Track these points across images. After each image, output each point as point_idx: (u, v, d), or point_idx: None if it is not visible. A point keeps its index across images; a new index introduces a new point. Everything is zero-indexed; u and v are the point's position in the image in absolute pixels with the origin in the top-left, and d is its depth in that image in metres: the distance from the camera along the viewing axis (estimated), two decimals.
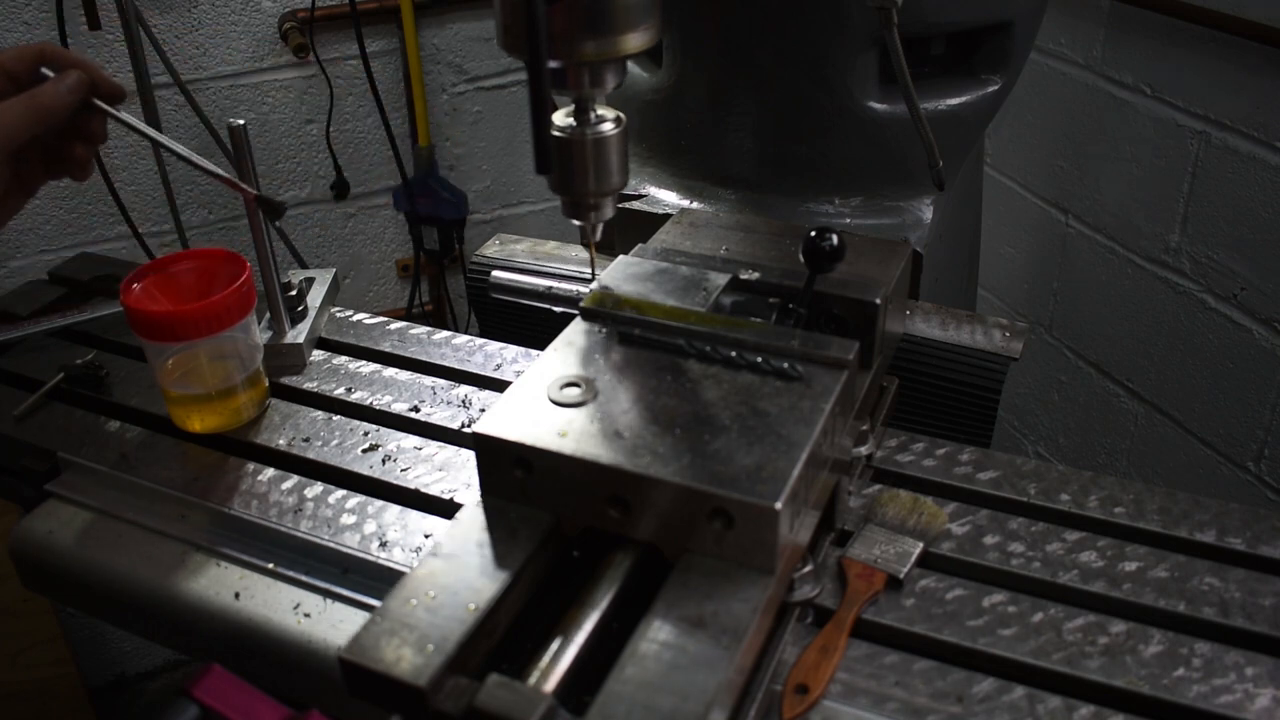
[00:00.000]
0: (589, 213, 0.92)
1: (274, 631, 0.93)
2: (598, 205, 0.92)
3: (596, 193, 0.91)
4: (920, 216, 1.36)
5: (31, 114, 0.88)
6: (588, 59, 0.82)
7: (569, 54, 0.81)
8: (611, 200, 0.93)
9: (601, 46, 0.81)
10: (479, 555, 0.77)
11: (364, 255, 2.61)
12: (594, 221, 0.94)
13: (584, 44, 0.81)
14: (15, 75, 0.90)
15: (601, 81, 0.86)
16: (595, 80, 0.85)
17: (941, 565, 0.92)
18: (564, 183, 0.91)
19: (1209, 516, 0.95)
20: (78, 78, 0.92)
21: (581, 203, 0.92)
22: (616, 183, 0.91)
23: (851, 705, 0.80)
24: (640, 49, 0.83)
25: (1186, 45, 1.87)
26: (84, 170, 0.99)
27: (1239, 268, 1.88)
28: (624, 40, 0.81)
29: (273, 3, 2.27)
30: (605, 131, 0.88)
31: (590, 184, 0.90)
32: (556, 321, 1.00)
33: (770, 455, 0.76)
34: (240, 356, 1.11)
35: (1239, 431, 1.96)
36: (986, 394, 1.15)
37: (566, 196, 0.92)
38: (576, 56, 0.82)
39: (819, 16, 1.22)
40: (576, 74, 0.85)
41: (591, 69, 0.84)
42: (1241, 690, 0.79)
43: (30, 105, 0.89)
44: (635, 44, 0.82)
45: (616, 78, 0.86)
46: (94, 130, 0.96)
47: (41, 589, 1.09)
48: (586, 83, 0.85)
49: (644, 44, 0.83)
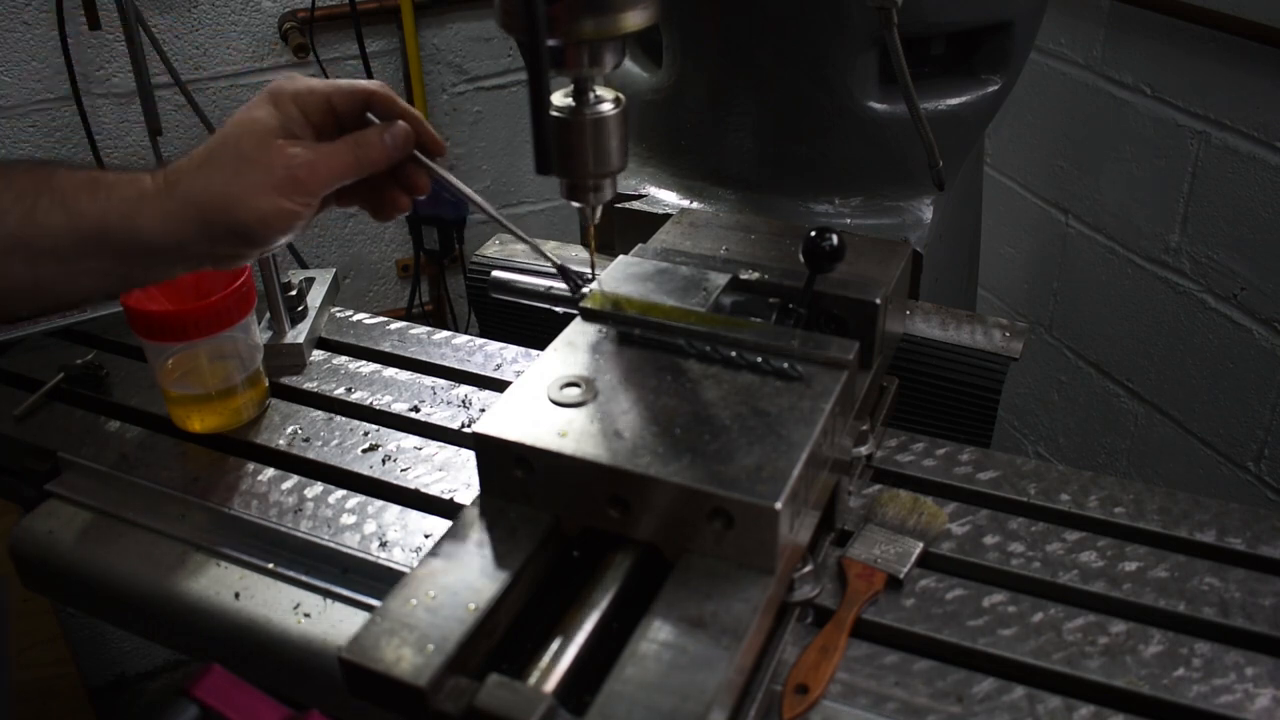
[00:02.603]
0: (588, 194, 0.90)
1: (274, 631, 0.93)
2: (597, 187, 0.90)
3: (596, 174, 0.88)
4: (920, 216, 1.36)
5: (354, 164, 0.86)
6: (586, 37, 0.80)
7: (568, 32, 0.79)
8: (611, 182, 0.91)
9: (600, 25, 0.79)
10: (479, 555, 0.77)
11: (364, 255, 2.61)
12: (593, 204, 0.91)
13: (583, 22, 0.79)
14: (341, 114, 0.87)
15: (600, 61, 0.83)
16: (594, 59, 0.83)
17: (941, 565, 0.92)
18: (563, 164, 0.88)
19: (1209, 516, 0.95)
20: (405, 134, 0.88)
21: (581, 184, 0.90)
22: (616, 164, 0.89)
23: (851, 705, 0.80)
24: (639, 27, 0.81)
25: (1186, 45, 1.87)
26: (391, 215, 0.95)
27: (1239, 268, 1.88)
28: (623, 18, 0.79)
29: (273, 3, 2.27)
30: (604, 112, 0.86)
31: (589, 165, 0.87)
32: (556, 321, 1.00)
33: (770, 455, 0.76)
34: (240, 356, 1.11)
35: (1239, 431, 1.96)
36: (986, 394, 1.15)
37: (565, 178, 0.90)
38: (575, 35, 0.80)
39: (819, 16, 1.22)
40: (575, 53, 0.83)
41: (590, 48, 0.82)
42: (1241, 690, 0.79)
43: (355, 155, 0.86)
44: (634, 22, 0.80)
45: (615, 57, 0.84)
46: (415, 182, 0.93)
47: (41, 589, 1.09)
48: (585, 62, 0.83)
49: (643, 22, 0.80)
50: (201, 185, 0.82)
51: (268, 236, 0.84)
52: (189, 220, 0.81)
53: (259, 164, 0.82)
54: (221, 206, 0.81)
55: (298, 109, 0.85)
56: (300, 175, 0.83)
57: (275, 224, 0.83)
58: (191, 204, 0.81)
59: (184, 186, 0.81)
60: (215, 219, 0.81)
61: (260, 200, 0.81)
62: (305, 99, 0.86)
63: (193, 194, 0.81)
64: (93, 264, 0.81)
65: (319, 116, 0.87)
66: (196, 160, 0.83)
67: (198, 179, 0.82)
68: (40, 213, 0.79)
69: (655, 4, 0.82)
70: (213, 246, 0.83)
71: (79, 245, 0.80)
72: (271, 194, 0.82)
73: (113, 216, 0.80)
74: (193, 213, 0.81)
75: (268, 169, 0.82)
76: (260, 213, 0.82)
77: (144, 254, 0.82)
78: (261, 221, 0.82)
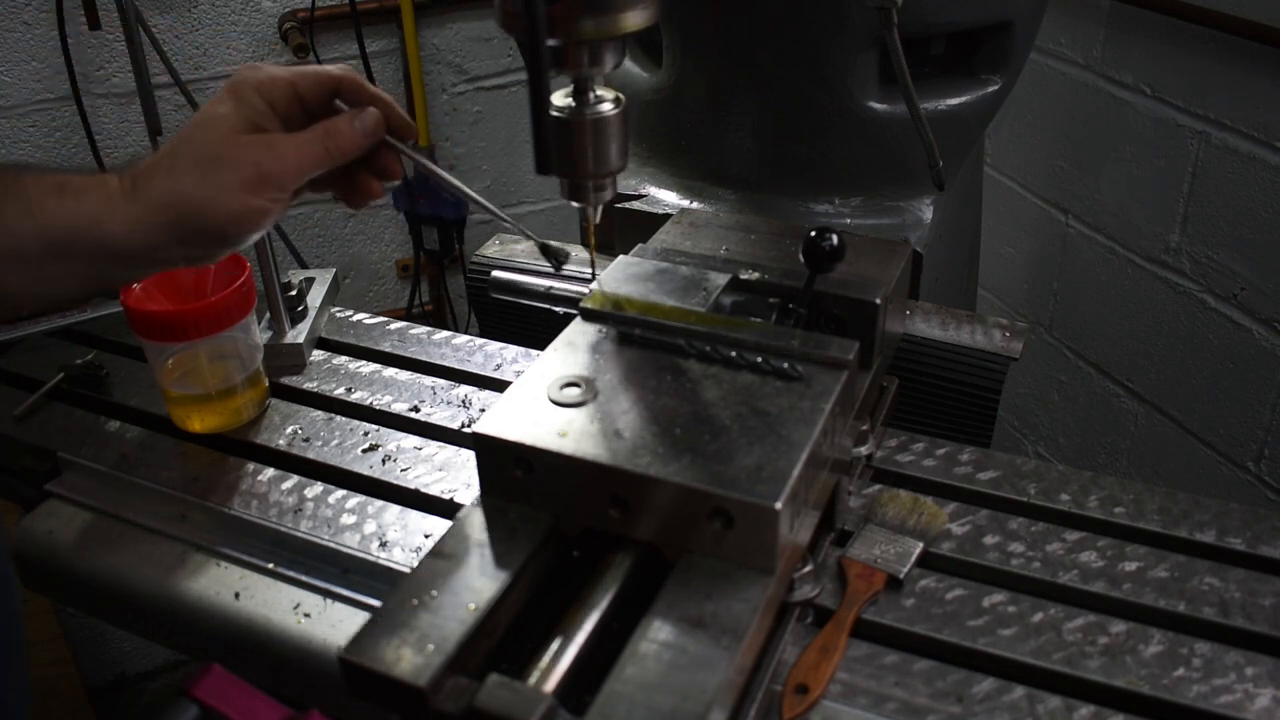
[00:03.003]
0: (589, 194, 0.90)
1: (274, 631, 0.93)
2: (598, 187, 0.89)
3: (596, 174, 0.88)
4: (920, 216, 1.36)
5: (325, 154, 0.84)
6: (587, 37, 0.80)
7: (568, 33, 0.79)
8: (612, 182, 0.90)
9: (600, 24, 0.79)
10: (479, 555, 0.77)
11: (364, 255, 2.61)
12: (594, 204, 0.91)
13: (583, 21, 0.78)
14: (308, 102, 0.85)
15: (600, 60, 0.83)
16: (594, 59, 0.83)
17: (941, 565, 0.92)
18: (563, 165, 0.88)
19: (1209, 516, 0.95)
20: (375, 119, 0.86)
21: (581, 185, 0.89)
22: (616, 164, 0.88)
23: (851, 705, 0.80)
24: (639, 27, 0.80)
25: (1186, 45, 1.87)
26: (364, 201, 0.93)
27: (1239, 268, 1.88)
28: (623, 18, 0.79)
29: (273, 3, 2.27)
30: (605, 112, 0.85)
31: (590, 165, 0.87)
32: (556, 321, 1.00)
33: (770, 455, 0.76)
34: (240, 356, 1.11)
35: (1239, 431, 1.96)
36: (986, 394, 1.15)
37: (566, 178, 0.90)
38: (575, 35, 0.79)
39: (819, 16, 1.22)
40: (575, 53, 0.82)
41: (590, 48, 0.82)
42: (1241, 690, 0.79)
43: (325, 145, 0.84)
44: (634, 22, 0.79)
45: (616, 57, 0.84)
46: (390, 168, 0.91)
47: (41, 589, 1.09)
48: (585, 62, 0.83)
49: (643, 22, 0.80)
50: (169, 187, 0.79)
51: (240, 235, 0.82)
52: (159, 225, 0.79)
53: (226, 162, 0.80)
54: (191, 209, 0.79)
55: (262, 100, 0.83)
56: (269, 171, 0.81)
57: (247, 223, 0.81)
58: (160, 208, 0.79)
59: (152, 190, 0.79)
60: (185, 222, 0.79)
61: (230, 200, 0.80)
62: (269, 89, 0.83)
63: (161, 197, 0.79)
64: (63, 268, 0.79)
65: (285, 106, 0.84)
66: (163, 160, 0.81)
67: (165, 181, 0.79)
68: (8, 218, 0.77)
69: (655, 4, 0.81)
70: (185, 249, 0.81)
71: (47, 250, 0.78)
72: (241, 193, 0.80)
73: (81, 222, 0.78)
74: (162, 217, 0.79)
75: (235, 167, 0.80)
76: (231, 212, 0.80)
77: (114, 258, 0.80)
78: (233, 221, 0.80)
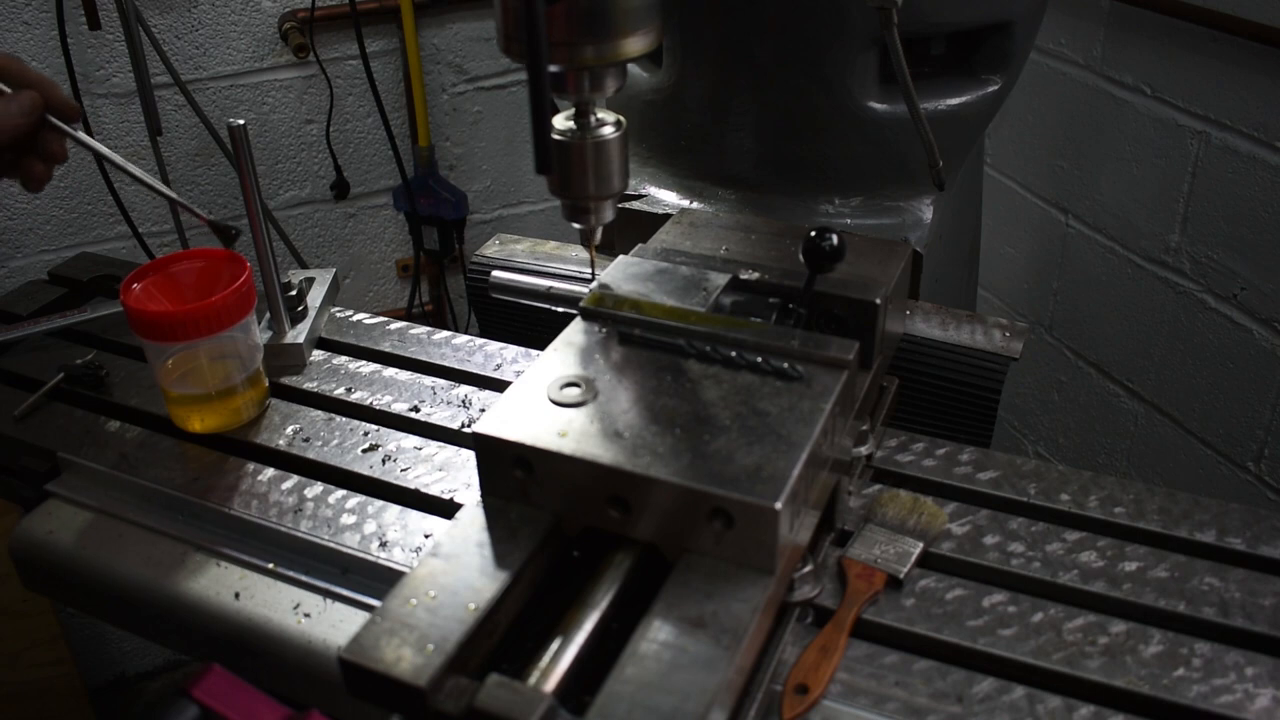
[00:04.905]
0: (589, 216, 0.93)
1: (274, 631, 0.93)
2: (598, 208, 0.93)
3: (596, 196, 0.91)
4: (920, 216, 1.36)
5: None
6: (587, 64, 0.82)
7: (568, 58, 0.81)
8: (612, 203, 0.93)
9: (601, 51, 0.81)
10: (479, 555, 0.77)
11: (364, 255, 2.61)
12: (594, 225, 0.94)
13: (584, 49, 0.81)
14: None
15: (601, 85, 0.86)
16: (595, 84, 0.86)
17: (941, 565, 0.92)
18: (564, 186, 0.91)
19: (1209, 516, 0.95)
20: (31, 100, 0.89)
21: (582, 206, 0.92)
22: (616, 186, 0.91)
23: (851, 705, 0.80)
24: (640, 53, 0.83)
25: (1186, 45, 1.87)
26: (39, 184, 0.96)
27: (1239, 268, 1.88)
28: (624, 44, 0.81)
29: (273, 3, 2.27)
30: (605, 135, 0.88)
31: (590, 187, 0.90)
32: (556, 321, 1.00)
33: (770, 455, 0.76)
34: (240, 356, 1.11)
35: (1239, 431, 1.96)
36: (986, 394, 1.15)
37: (567, 200, 0.93)
38: (576, 61, 0.82)
39: (819, 16, 1.22)
40: (576, 78, 0.85)
41: (591, 73, 0.85)
42: (1241, 690, 0.79)
43: None
44: (635, 48, 0.82)
45: (616, 81, 0.87)
46: (53, 150, 0.93)
47: (41, 589, 1.09)
48: (586, 87, 0.86)
49: (644, 48, 0.83)
50: None
51: None
52: None
53: None
54: None
55: None
56: None
57: None
58: None
59: None
60: None
61: None
62: None
63: None
64: None
65: None
66: None
67: None
68: None
69: (657, 29, 0.83)
70: None
71: None
72: None
73: None
74: None
75: None
76: None
77: None
78: None
